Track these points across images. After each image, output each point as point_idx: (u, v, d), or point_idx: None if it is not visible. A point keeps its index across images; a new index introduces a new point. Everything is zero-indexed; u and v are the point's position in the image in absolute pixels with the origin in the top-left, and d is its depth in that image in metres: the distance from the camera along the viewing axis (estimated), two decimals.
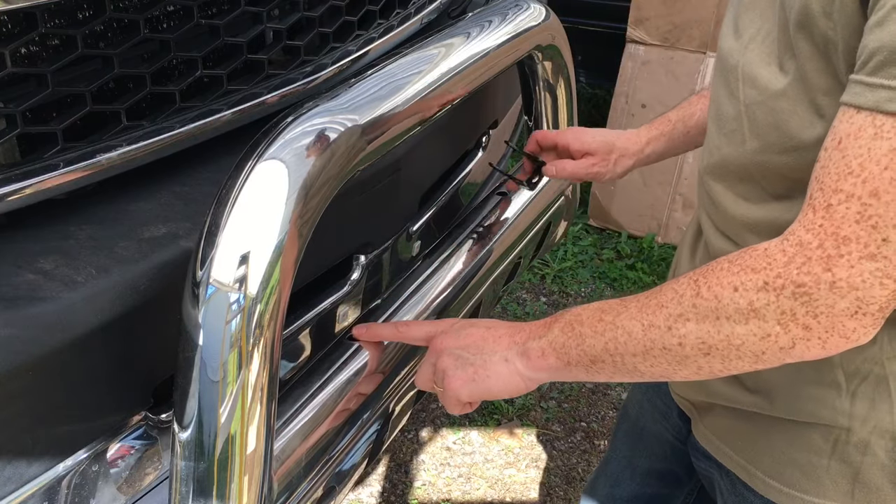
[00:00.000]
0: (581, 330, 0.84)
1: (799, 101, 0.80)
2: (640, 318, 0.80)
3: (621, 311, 0.81)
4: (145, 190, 0.95)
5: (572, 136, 1.29)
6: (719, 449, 1.03)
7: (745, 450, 0.99)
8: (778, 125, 0.83)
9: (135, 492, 0.87)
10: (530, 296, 3.07)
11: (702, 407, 1.06)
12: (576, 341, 0.84)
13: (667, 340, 0.78)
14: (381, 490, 2.27)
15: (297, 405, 1.02)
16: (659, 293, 0.80)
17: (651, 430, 1.29)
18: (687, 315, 0.76)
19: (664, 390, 1.23)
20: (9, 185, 0.81)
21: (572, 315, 0.86)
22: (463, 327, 0.94)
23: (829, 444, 0.91)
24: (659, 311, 0.78)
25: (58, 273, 0.80)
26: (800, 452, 0.93)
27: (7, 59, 0.80)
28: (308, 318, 1.10)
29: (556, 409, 2.57)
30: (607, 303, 0.84)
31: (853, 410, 0.89)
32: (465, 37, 1.09)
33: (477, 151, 1.58)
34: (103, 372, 0.83)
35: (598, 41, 3.81)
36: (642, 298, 0.81)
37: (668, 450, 1.27)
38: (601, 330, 0.82)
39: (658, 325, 0.78)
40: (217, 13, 1.03)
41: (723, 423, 1.02)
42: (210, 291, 0.74)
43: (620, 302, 0.83)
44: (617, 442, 1.39)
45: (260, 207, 0.76)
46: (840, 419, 0.89)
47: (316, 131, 0.81)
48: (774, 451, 0.96)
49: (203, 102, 1.02)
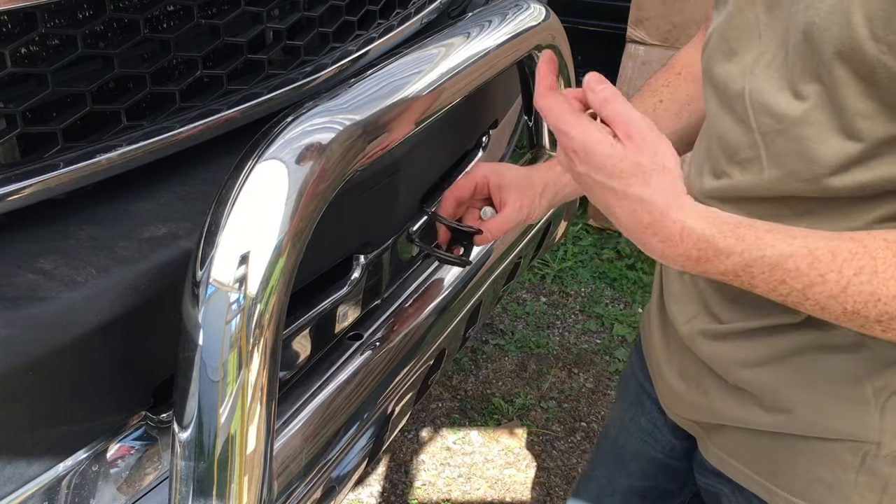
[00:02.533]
0: (752, 282, 0.75)
1: (826, 126, 0.77)
2: (843, 301, 0.71)
3: (815, 283, 0.72)
4: (145, 190, 0.96)
5: (489, 170, 1.11)
6: (734, 468, 0.99)
7: (764, 468, 0.96)
8: (804, 153, 0.79)
9: (135, 492, 0.87)
10: (530, 296, 3.08)
11: (711, 427, 1.02)
12: (740, 284, 0.76)
13: (868, 326, 0.72)
14: (381, 490, 2.27)
15: (297, 405, 1.02)
16: (874, 278, 0.70)
17: (632, 450, 1.25)
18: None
19: (648, 409, 1.19)
20: (9, 185, 0.81)
21: (735, 265, 0.75)
22: (610, 176, 0.77)
23: (857, 459, 0.88)
24: (874, 303, 0.70)
25: (58, 273, 0.80)
26: (826, 469, 0.90)
27: (7, 59, 0.80)
28: (308, 318, 1.10)
29: (556, 409, 2.57)
30: (790, 258, 0.73)
31: (883, 425, 0.86)
32: (465, 37, 1.09)
33: (477, 151, 1.58)
34: (103, 372, 0.83)
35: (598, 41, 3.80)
36: (846, 272, 0.71)
37: (653, 469, 1.23)
38: (782, 293, 0.75)
39: (866, 316, 0.71)
40: (217, 13, 1.03)
41: (737, 442, 0.98)
42: (210, 291, 0.74)
43: (810, 263, 0.72)
44: (596, 461, 1.35)
45: (260, 207, 0.76)
46: (870, 434, 0.87)
47: (316, 131, 0.81)
48: (797, 469, 0.92)
49: (203, 102, 1.02)
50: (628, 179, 0.75)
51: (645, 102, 1.13)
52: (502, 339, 2.84)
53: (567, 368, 2.73)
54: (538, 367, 2.73)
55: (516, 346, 2.80)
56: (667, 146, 0.77)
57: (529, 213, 1.10)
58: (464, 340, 1.45)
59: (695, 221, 0.75)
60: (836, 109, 0.75)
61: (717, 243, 0.74)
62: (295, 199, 0.77)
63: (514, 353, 2.78)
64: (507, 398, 2.60)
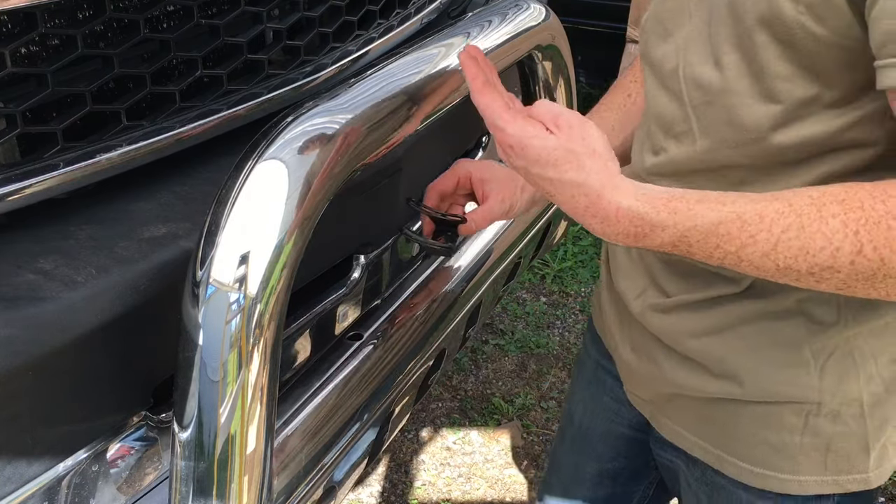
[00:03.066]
0: (689, 250, 0.79)
1: (748, 92, 0.82)
2: (775, 258, 0.75)
3: (747, 244, 0.76)
4: (145, 190, 0.96)
5: (471, 165, 1.13)
6: (686, 439, 1.03)
7: (713, 436, 1.00)
8: (730, 120, 0.84)
9: (135, 492, 0.87)
10: (530, 296, 3.08)
11: (662, 400, 1.06)
12: (679, 252, 0.80)
13: (803, 280, 0.76)
14: (381, 490, 2.27)
15: (297, 405, 1.02)
16: (801, 233, 0.73)
17: (598, 431, 1.26)
18: (839, 268, 0.73)
19: (610, 385, 1.21)
20: (9, 185, 0.81)
21: (671, 237, 0.78)
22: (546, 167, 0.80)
23: (801, 420, 0.93)
24: (803, 257, 0.74)
25: (58, 273, 0.80)
26: (771, 432, 0.95)
27: (7, 59, 0.80)
28: (308, 318, 1.10)
29: (556, 409, 2.57)
30: (721, 225, 0.76)
31: (822, 385, 0.91)
32: (465, 37, 1.09)
33: (477, 151, 1.58)
34: (103, 372, 0.83)
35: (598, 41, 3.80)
36: (775, 231, 0.74)
37: (622, 445, 1.25)
38: (718, 258, 0.78)
39: (798, 270, 0.75)
40: (217, 13, 1.03)
41: (688, 413, 1.02)
42: (210, 291, 0.74)
43: (740, 227, 0.75)
44: (562, 450, 1.35)
45: (260, 207, 0.76)
46: (811, 395, 0.92)
47: (316, 131, 0.81)
48: (744, 434, 0.96)
49: (203, 102, 1.02)
50: (563, 166, 0.79)
51: (616, 99, 1.17)
52: (502, 339, 2.84)
53: (567, 368, 2.73)
54: (538, 367, 2.73)
55: (516, 346, 2.80)
56: (594, 131, 0.81)
57: (511, 205, 1.12)
58: (464, 340, 1.45)
59: (629, 200, 0.78)
60: (757, 74, 0.80)
61: (652, 219, 0.78)
62: (295, 199, 0.77)
63: (514, 353, 2.78)
64: (507, 398, 2.60)
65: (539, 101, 0.84)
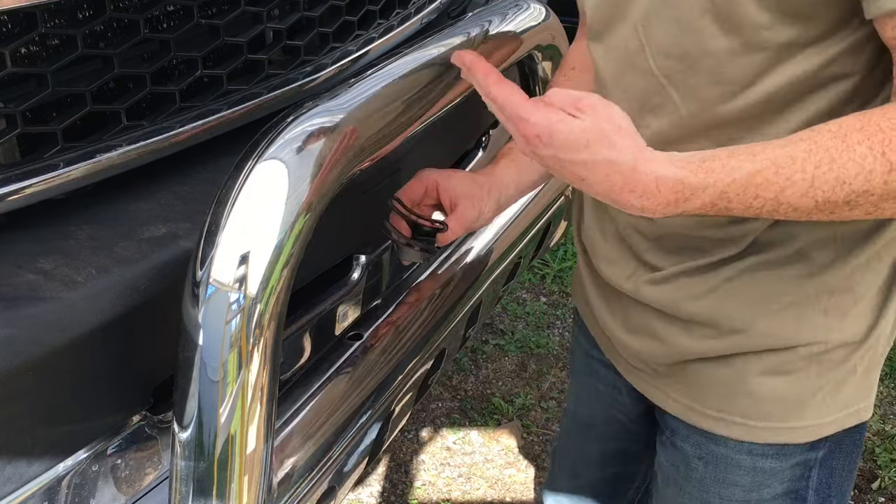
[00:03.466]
0: (728, 206, 0.79)
1: (729, 49, 0.83)
2: (814, 194, 0.76)
3: (785, 187, 0.77)
4: (145, 190, 0.96)
5: (437, 174, 1.12)
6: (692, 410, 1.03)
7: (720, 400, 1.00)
8: (716, 80, 0.85)
9: (135, 492, 0.87)
10: (530, 296, 3.08)
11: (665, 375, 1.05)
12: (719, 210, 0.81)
13: (837, 211, 0.78)
14: (381, 490, 2.27)
15: (297, 405, 1.02)
16: (834, 165, 0.75)
17: (599, 417, 1.28)
18: (874, 191, 0.75)
19: (602, 374, 1.22)
20: (9, 185, 0.81)
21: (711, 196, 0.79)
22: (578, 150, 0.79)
23: (808, 361, 0.95)
24: (839, 187, 0.76)
25: (58, 273, 0.80)
26: (780, 379, 0.97)
27: (7, 59, 0.80)
28: (308, 318, 1.10)
29: (556, 409, 2.57)
30: (758, 174, 0.77)
31: (827, 322, 0.94)
32: (464, 37, 1.09)
33: (477, 151, 1.58)
34: (103, 372, 0.83)
35: None
36: (808, 169, 0.76)
37: (620, 430, 1.27)
38: (757, 207, 0.79)
39: (835, 201, 0.76)
40: (217, 13, 1.03)
41: (693, 381, 1.02)
42: (210, 291, 0.74)
43: (775, 171, 0.77)
44: (567, 442, 1.39)
45: (260, 207, 0.76)
46: (818, 334, 0.94)
47: (316, 131, 0.81)
48: (752, 389, 0.98)
49: (203, 102, 1.02)
50: (594, 146, 0.78)
51: (559, 77, 1.19)
52: (502, 339, 2.84)
53: (567, 368, 2.73)
54: (538, 367, 2.73)
55: (516, 346, 2.80)
56: (617, 109, 0.81)
57: (480, 212, 1.12)
58: (464, 340, 1.45)
59: (664, 168, 0.78)
60: (735, 30, 0.82)
61: (692, 182, 0.78)
62: (295, 199, 0.77)
63: (514, 353, 2.78)
64: (507, 398, 2.60)
65: (552, 90, 0.83)
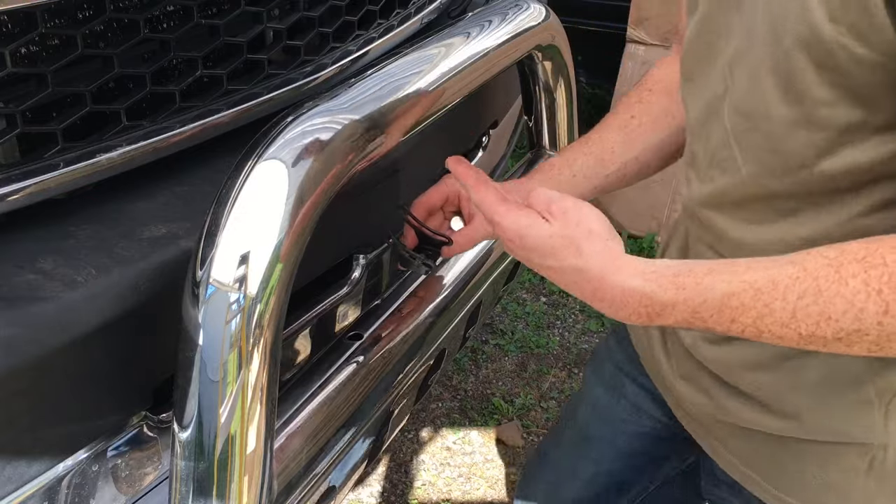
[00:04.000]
0: (705, 325, 0.75)
1: (789, 119, 0.77)
2: (796, 327, 0.70)
3: (763, 315, 0.71)
4: (145, 190, 0.96)
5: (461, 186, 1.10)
6: (745, 475, 0.99)
7: (769, 471, 0.95)
8: (774, 147, 0.80)
9: (135, 492, 0.87)
10: (530, 296, 3.08)
11: (718, 430, 1.01)
12: (697, 327, 0.76)
13: (831, 346, 0.70)
14: (381, 490, 2.27)
15: (297, 405, 1.02)
16: (819, 298, 0.68)
17: (605, 436, 1.23)
18: (867, 331, 0.67)
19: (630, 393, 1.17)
20: (9, 185, 0.81)
21: (682, 313, 0.75)
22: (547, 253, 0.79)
23: (865, 463, 0.88)
24: (826, 323, 0.68)
25: (58, 273, 0.80)
26: (833, 472, 0.90)
27: (7, 59, 0.80)
28: (308, 318, 1.10)
29: (556, 409, 2.57)
30: (733, 297, 0.72)
31: (889, 427, 0.86)
32: (465, 37, 1.09)
33: (477, 151, 1.58)
34: (103, 372, 0.83)
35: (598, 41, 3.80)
36: (790, 298, 0.69)
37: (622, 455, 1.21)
38: (737, 331, 0.73)
39: (823, 336, 0.69)
40: (217, 13, 1.03)
41: (747, 447, 0.97)
42: (210, 291, 0.74)
43: (753, 296, 0.71)
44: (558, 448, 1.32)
45: (260, 207, 0.76)
46: (876, 437, 0.87)
47: (316, 131, 0.81)
48: (806, 475, 0.92)
49: (203, 102, 1.02)
50: (561, 253, 0.77)
51: (619, 117, 1.14)
52: (502, 339, 2.84)
53: (567, 368, 2.73)
54: (538, 367, 2.73)
55: (516, 346, 2.80)
56: (590, 211, 0.79)
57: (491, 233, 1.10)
58: (464, 340, 1.45)
59: (633, 280, 0.75)
60: (797, 100, 0.76)
61: (660, 298, 0.74)
62: (295, 199, 0.77)
63: (514, 353, 2.78)
64: (507, 398, 2.60)
65: (536, 190, 0.82)
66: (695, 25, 0.90)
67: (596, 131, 1.15)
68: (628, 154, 1.11)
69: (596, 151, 1.12)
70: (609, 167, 1.11)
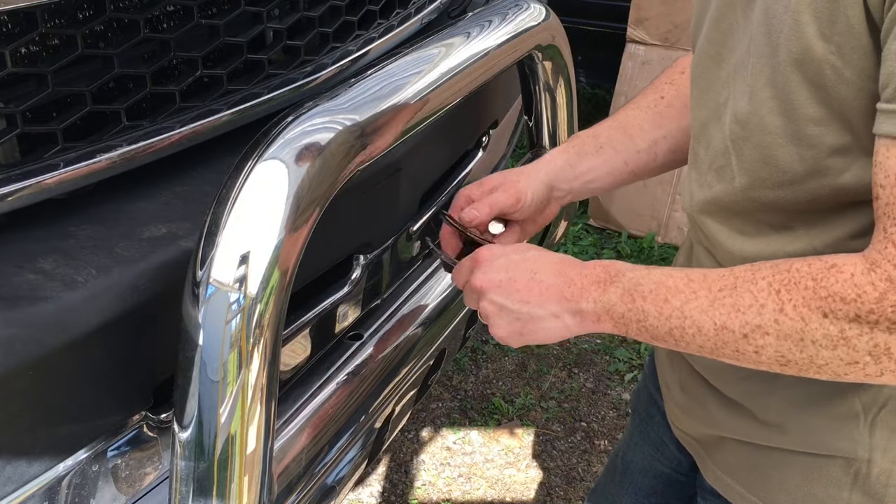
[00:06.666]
0: (643, 306, 0.81)
1: (781, 132, 0.78)
2: (713, 315, 0.77)
3: (690, 299, 0.78)
4: (145, 190, 0.95)
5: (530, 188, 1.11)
6: (730, 488, 0.99)
7: (758, 487, 0.95)
8: (766, 160, 0.80)
9: (135, 492, 0.87)
10: None
11: (709, 442, 1.02)
12: (637, 315, 0.82)
13: (741, 346, 0.76)
14: (381, 490, 2.27)
15: (297, 405, 1.02)
16: (734, 292, 0.76)
17: (639, 465, 1.25)
18: (767, 328, 0.73)
19: (658, 421, 1.19)
20: (9, 185, 0.81)
21: (630, 282, 0.83)
22: (502, 268, 0.90)
23: (849, 476, 0.88)
24: (735, 314, 0.75)
25: (58, 273, 0.80)
26: (818, 486, 0.90)
27: (7, 59, 0.80)
28: (308, 318, 1.10)
29: (556, 409, 2.57)
30: (671, 278, 0.81)
31: (873, 441, 0.86)
32: (465, 37, 1.09)
33: (477, 151, 1.58)
34: (103, 372, 0.83)
35: (598, 41, 3.80)
36: (713, 289, 0.77)
37: (661, 483, 1.23)
38: (666, 314, 0.79)
39: (732, 330, 0.75)
40: (217, 13, 1.03)
41: (733, 458, 0.98)
42: (210, 291, 0.74)
43: (686, 282, 0.79)
44: (604, 476, 1.35)
45: (260, 207, 0.76)
46: (860, 451, 0.87)
47: (316, 131, 0.81)
48: (790, 487, 0.92)
49: (203, 102, 1.02)
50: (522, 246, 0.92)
51: (647, 98, 1.14)
52: None
53: (567, 368, 2.73)
54: (538, 367, 2.73)
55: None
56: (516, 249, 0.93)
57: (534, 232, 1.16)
58: (464, 340, 1.45)
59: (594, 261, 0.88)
60: (789, 114, 0.76)
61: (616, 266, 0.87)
62: (295, 198, 0.77)
63: (514, 353, 2.78)
64: (507, 398, 2.60)
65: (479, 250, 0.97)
66: (708, 28, 0.90)
67: (625, 110, 1.14)
68: (657, 132, 1.11)
69: (623, 125, 1.12)
70: (639, 143, 1.11)
